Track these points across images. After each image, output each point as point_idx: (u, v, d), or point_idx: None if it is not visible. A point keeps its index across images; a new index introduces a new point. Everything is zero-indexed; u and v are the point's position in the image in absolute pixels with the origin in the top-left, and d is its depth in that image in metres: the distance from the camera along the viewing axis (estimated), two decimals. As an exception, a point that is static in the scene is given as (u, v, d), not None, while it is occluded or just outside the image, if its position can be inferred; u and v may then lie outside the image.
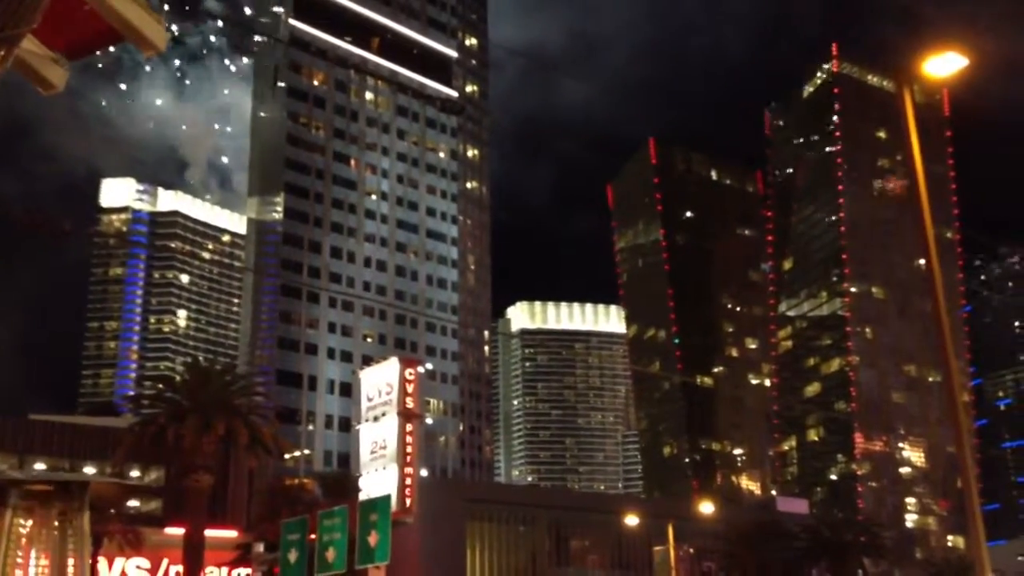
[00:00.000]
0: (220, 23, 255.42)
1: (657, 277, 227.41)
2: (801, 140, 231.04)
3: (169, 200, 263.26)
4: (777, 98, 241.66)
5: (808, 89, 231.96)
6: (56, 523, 27.15)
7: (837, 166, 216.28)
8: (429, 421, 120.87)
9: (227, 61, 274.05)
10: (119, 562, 52.20)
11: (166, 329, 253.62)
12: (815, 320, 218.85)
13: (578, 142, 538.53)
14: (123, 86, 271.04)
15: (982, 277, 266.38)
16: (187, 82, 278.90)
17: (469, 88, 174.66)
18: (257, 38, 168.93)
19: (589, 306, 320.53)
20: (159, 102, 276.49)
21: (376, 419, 52.63)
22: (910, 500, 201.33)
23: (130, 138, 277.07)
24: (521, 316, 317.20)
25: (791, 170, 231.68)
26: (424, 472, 79.51)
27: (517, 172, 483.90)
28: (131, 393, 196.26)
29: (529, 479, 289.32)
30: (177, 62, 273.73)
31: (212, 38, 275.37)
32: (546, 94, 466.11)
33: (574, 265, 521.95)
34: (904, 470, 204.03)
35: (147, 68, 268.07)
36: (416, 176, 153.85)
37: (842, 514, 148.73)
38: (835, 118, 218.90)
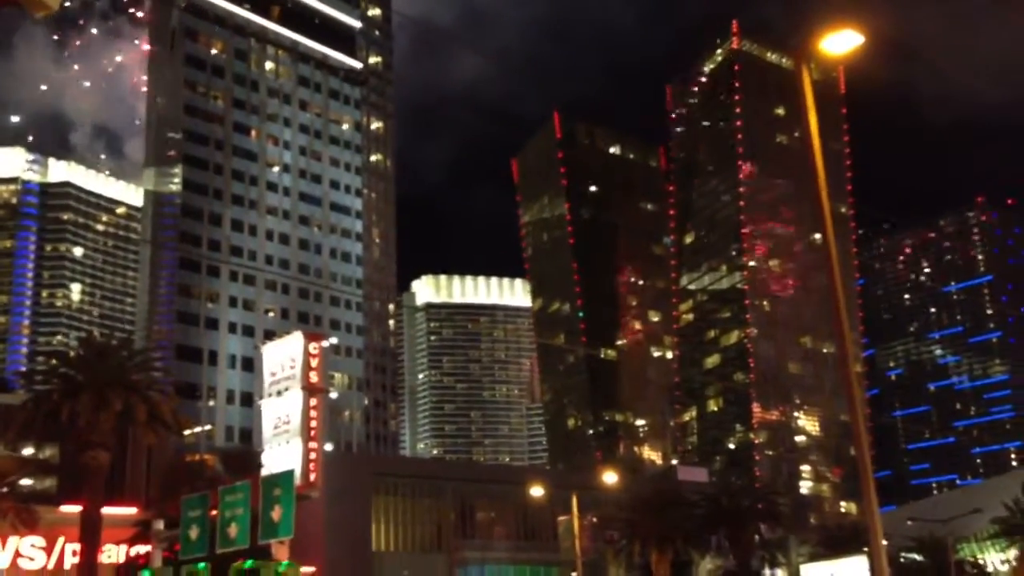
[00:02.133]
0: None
1: (562, 251, 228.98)
2: (702, 116, 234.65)
3: (61, 171, 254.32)
4: (678, 74, 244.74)
5: (709, 66, 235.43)
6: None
7: (737, 142, 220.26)
8: (334, 395, 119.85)
9: (111, 23, 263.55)
10: (12, 541, 50.71)
11: (59, 303, 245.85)
12: (715, 293, 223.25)
13: (479, 116, 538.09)
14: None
15: (879, 250, 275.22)
16: (66, 51, 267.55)
17: (373, 59, 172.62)
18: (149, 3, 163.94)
19: (494, 280, 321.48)
20: (37, 67, 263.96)
21: (279, 394, 52.07)
22: (805, 468, 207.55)
23: (9, 105, 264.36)
24: (426, 290, 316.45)
25: (693, 145, 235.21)
26: (329, 446, 79.01)
27: (419, 146, 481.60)
28: (23, 369, 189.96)
29: (434, 452, 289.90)
30: (54, 25, 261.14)
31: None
32: (442, 69, 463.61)
33: (479, 239, 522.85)
34: (799, 438, 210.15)
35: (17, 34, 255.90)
36: (319, 148, 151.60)
37: (740, 482, 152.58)
38: (735, 95, 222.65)
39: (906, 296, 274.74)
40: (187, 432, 75.00)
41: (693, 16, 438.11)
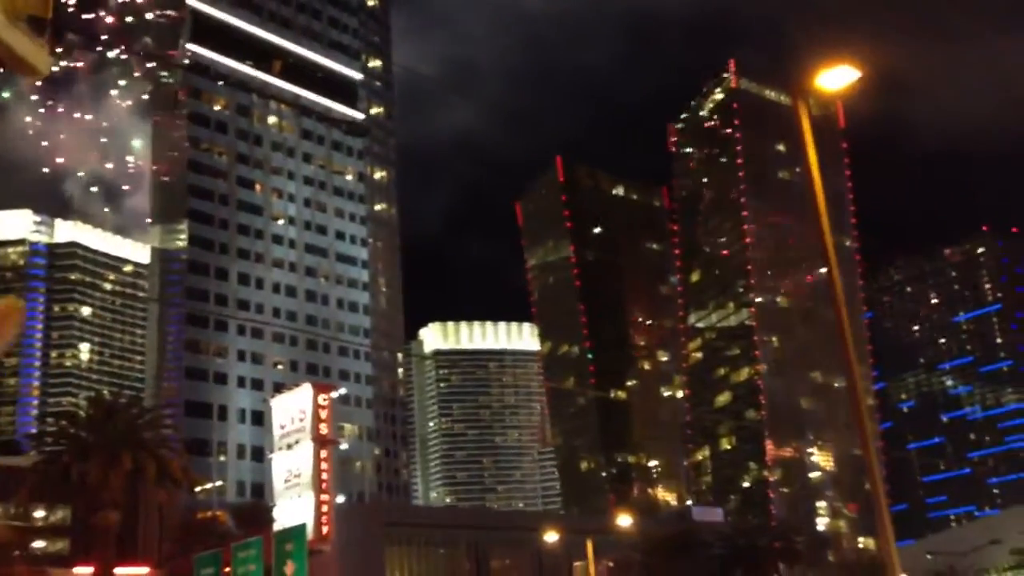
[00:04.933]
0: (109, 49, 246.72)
1: (568, 293, 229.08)
2: (703, 155, 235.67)
3: (67, 231, 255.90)
4: (677, 114, 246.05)
5: (708, 105, 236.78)
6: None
7: (739, 180, 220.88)
8: (344, 446, 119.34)
9: (102, 75, 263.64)
10: (25, 606, 50.34)
11: (68, 363, 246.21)
12: (723, 331, 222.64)
13: (478, 163, 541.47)
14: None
15: (886, 282, 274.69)
16: (58, 105, 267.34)
17: (374, 110, 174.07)
18: (152, 65, 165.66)
19: (502, 324, 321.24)
20: (30, 125, 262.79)
21: (290, 447, 51.83)
22: (820, 504, 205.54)
23: (8, 166, 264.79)
24: (434, 337, 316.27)
25: (695, 184, 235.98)
26: (341, 498, 78.54)
27: (420, 194, 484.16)
28: (33, 430, 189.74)
29: (447, 500, 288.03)
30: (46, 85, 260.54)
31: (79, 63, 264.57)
32: (438, 118, 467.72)
33: (485, 284, 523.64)
34: (814, 475, 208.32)
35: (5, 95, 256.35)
36: (324, 199, 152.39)
37: (756, 521, 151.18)
38: (735, 133, 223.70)
39: (915, 328, 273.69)
40: (198, 488, 74.70)
41: (688, 57, 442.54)
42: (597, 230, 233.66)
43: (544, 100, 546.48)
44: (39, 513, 63.48)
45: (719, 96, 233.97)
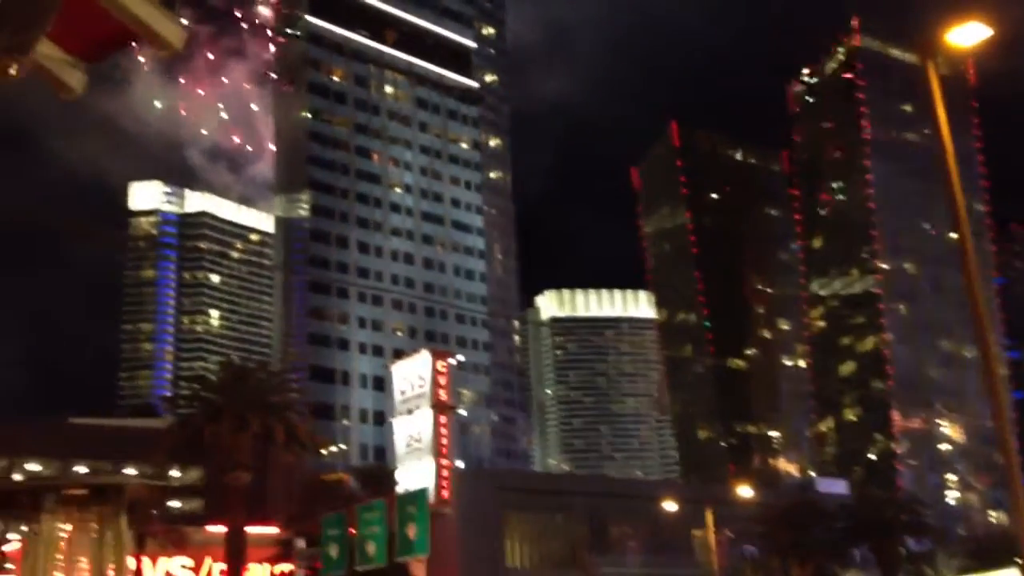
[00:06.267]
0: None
1: (685, 260, 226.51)
2: (825, 116, 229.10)
3: (196, 201, 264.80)
4: (798, 76, 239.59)
5: (831, 65, 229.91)
6: (94, 527, 27.46)
7: (863, 142, 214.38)
8: (463, 412, 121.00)
9: (220, 43, 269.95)
10: (163, 561, 52.66)
11: (199, 329, 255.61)
12: (847, 298, 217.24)
13: (591, 130, 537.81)
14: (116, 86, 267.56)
15: (1020, 246, 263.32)
16: (180, 76, 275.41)
17: (488, 77, 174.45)
18: (272, 35, 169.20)
19: (618, 292, 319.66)
20: (157, 103, 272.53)
21: (410, 412, 52.77)
22: (950, 477, 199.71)
23: (139, 139, 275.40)
24: (550, 305, 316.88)
25: (816, 147, 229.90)
26: (460, 463, 79.73)
27: (533, 161, 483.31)
28: (168, 394, 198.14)
29: (565, 467, 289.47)
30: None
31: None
32: (545, 85, 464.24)
33: (599, 251, 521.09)
34: (943, 447, 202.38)
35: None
36: (439, 168, 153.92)
37: (882, 493, 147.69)
38: (859, 94, 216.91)
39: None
40: (323, 451, 76.86)
41: (804, 15, 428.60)
42: (714, 195, 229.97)
43: (655, 63, 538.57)
44: (174, 473, 66.33)
45: (841, 55, 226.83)
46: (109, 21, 6.88)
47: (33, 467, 65.68)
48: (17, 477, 63.87)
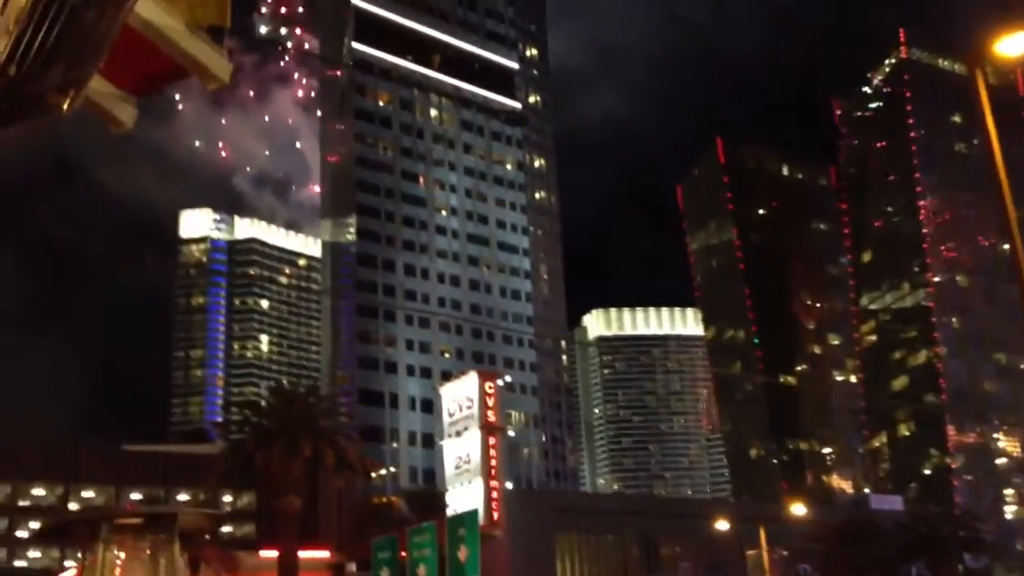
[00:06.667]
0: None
1: (733, 277, 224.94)
2: (873, 129, 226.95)
3: (245, 227, 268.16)
4: (845, 89, 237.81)
5: (877, 78, 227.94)
6: (148, 554, 27.78)
7: (912, 154, 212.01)
8: (511, 433, 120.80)
9: (266, 71, 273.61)
10: (216, 586, 53.12)
11: (250, 355, 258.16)
12: (898, 312, 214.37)
13: (635, 148, 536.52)
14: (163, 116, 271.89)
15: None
16: (230, 107, 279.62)
17: (532, 98, 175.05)
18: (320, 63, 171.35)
19: (665, 310, 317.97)
20: (206, 132, 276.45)
21: (459, 434, 52.86)
22: (1008, 492, 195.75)
23: (188, 167, 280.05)
24: (597, 324, 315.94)
25: (864, 160, 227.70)
26: (509, 485, 79.62)
27: (577, 180, 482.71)
28: (219, 419, 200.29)
29: (615, 487, 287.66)
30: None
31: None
32: (587, 105, 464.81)
33: (645, 270, 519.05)
34: (1000, 461, 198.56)
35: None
36: (484, 190, 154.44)
37: (938, 509, 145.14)
38: (907, 105, 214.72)
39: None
40: (373, 475, 77.01)
41: (848, 29, 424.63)
42: (761, 211, 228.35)
43: (697, 80, 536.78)
44: (226, 498, 66.89)
45: (888, 68, 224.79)
46: (159, 56, 7.03)
47: (88, 494, 66.67)
48: (73, 505, 64.80)
